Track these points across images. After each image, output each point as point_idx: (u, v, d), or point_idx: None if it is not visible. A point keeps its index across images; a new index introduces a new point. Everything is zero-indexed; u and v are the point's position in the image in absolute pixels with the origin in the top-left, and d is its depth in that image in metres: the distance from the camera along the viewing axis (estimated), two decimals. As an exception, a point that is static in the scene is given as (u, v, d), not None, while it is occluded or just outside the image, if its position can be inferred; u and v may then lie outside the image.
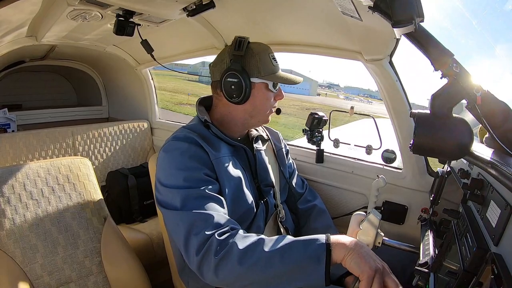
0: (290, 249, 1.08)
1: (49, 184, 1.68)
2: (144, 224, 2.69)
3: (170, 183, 1.31)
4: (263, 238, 1.13)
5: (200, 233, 1.17)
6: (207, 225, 1.19)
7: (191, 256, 1.19)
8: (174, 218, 1.27)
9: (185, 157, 1.33)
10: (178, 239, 1.26)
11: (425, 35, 1.05)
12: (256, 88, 1.47)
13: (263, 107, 1.52)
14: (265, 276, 1.07)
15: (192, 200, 1.26)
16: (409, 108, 1.73)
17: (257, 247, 1.10)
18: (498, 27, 1.43)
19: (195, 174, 1.31)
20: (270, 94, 1.51)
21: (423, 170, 1.85)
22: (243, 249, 1.10)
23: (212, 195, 1.30)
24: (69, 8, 1.67)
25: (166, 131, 3.32)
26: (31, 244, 1.54)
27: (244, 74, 1.43)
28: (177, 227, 1.25)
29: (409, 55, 16.62)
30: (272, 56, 1.51)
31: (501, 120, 1.04)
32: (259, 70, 1.46)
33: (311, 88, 60.58)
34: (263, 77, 1.46)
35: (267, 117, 1.57)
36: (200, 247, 1.16)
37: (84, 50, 2.84)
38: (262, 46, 1.52)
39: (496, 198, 0.89)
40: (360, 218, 1.29)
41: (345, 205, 2.12)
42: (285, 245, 1.09)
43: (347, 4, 1.27)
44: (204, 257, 1.15)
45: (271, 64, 1.49)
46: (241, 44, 1.44)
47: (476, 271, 0.80)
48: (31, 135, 2.62)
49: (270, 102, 1.53)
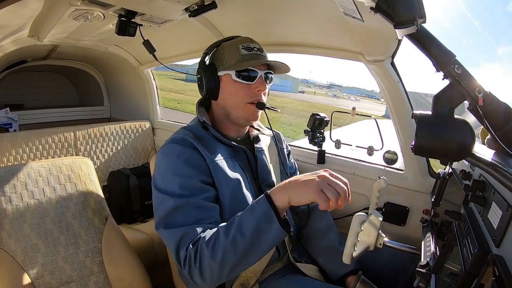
0: (243, 222, 1.13)
1: (51, 183, 1.69)
2: (145, 224, 2.69)
3: (165, 188, 1.31)
4: (218, 229, 1.18)
5: (184, 247, 1.20)
6: (192, 237, 1.21)
7: (183, 269, 1.23)
8: (166, 235, 1.28)
9: (181, 161, 1.32)
10: (173, 255, 1.28)
11: (427, 36, 1.05)
12: (223, 81, 1.47)
13: (232, 100, 1.48)
14: (239, 256, 1.12)
15: (183, 212, 1.26)
16: (410, 109, 1.73)
17: (218, 239, 1.14)
18: (500, 28, 1.43)
19: (191, 182, 1.30)
20: (238, 85, 1.45)
21: (425, 172, 1.84)
22: (209, 247, 1.14)
23: (204, 205, 1.29)
24: (71, 8, 1.67)
25: (167, 131, 3.32)
26: (32, 243, 1.54)
27: (206, 68, 1.45)
28: (169, 243, 1.27)
29: (411, 56, 16.54)
30: (244, 46, 1.46)
31: (503, 121, 1.03)
32: (223, 62, 1.45)
33: (292, 86, 60.95)
34: (227, 69, 1.44)
35: (246, 112, 1.49)
36: (184, 260, 1.20)
37: (86, 50, 2.84)
38: (238, 39, 1.50)
39: (498, 199, 0.89)
40: (361, 219, 1.29)
41: (346, 206, 2.11)
42: (237, 222, 1.14)
43: (349, 5, 1.26)
44: (189, 269, 1.19)
45: (239, 54, 1.45)
46: (215, 43, 1.49)
47: (478, 273, 0.80)
48: (32, 134, 2.63)
49: (241, 94, 1.45)
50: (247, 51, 1.46)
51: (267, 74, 1.49)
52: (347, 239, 1.30)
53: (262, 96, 1.48)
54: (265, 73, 1.47)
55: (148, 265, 1.81)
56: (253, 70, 1.44)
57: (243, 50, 1.45)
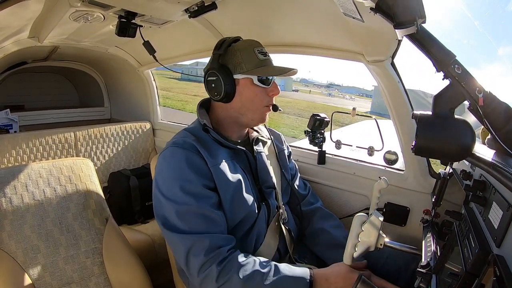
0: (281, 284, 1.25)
1: (51, 185, 1.69)
2: (146, 225, 2.69)
3: (169, 195, 1.33)
4: (255, 271, 1.26)
5: (199, 255, 1.26)
6: (204, 247, 1.26)
7: (192, 275, 1.29)
8: (173, 238, 1.32)
9: (184, 166, 1.34)
10: (179, 258, 1.34)
11: (427, 36, 1.05)
12: (241, 85, 1.47)
13: (251, 103, 1.49)
14: None
15: (190, 219, 1.30)
16: (411, 109, 1.73)
17: (255, 278, 1.25)
18: (500, 28, 1.43)
19: (194, 187, 1.32)
20: (258, 89, 1.48)
21: (425, 172, 1.84)
22: (243, 278, 1.23)
23: (211, 212, 1.32)
24: (71, 10, 1.67)
25: (168, 132, 3.32)
26: (32, 244, 1.54)
27: (222, 71, 1.44)
28: (176, 247, 1.33)
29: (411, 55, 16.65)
30: (260, 50, 1.49)
31: (503, 121, 1.03)
32: (241, 66, 1.45)
33: (286, 84, 61.34)
34: (246, 72, 1.45)
35: (261, 115, 1.53)
36: (200, 269, 1.26)
37: (86, 51, 2.84)
38: (249, 42, 1.51)
39: (498, 199, 0.89)
40: (362, 219, 1.29)
41: (347, 206, 2.12)
42: (276, 280, 1.25)
43: (349, 5, 1.26)
44: (204, 281, 1.26)
45: (256, 58, 1.46)
46: (222, 43, 1.47)
47: (478, 273, 0.80)
48: (33, 136, 2.63)
49: (260, 97, 1.49)
50: (263, 56, 1.48)
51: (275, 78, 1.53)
52: (347, 240, 1.30)
53: (273, 100, 1.53)
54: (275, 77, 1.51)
55: (149, 266, 1.81)
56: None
57: (260, 55, 1.47)
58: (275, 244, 1.55)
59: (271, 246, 1.52)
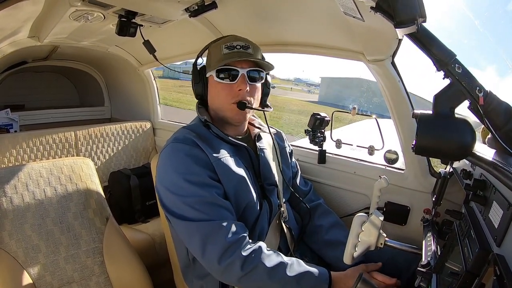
0: (303, 278, 1.29)
1: (52, 184, 1.69)
2: (147, 225, 2.69)
3: (176, 190, 1.33)
4: (283, 261, 1.31)
5: (217, 242, 1.25)
6: (222, 234, 1.26)
7: (212, 264, 1.28)
8: (186, 228, 1.32)
9: (187, 160, 1.34)
10: (193, 249, 1.34)
11: (427, 36, 1.05)
12: (209, 82, 1.49)
13: (216, 100, 1.50)
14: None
15: (201, 208, 1.30)
16: (411, 108, 1.73)
17: (280, 269, 1.28)
18: (501, 27, 1.43)
19: (199, 179, 1.33)
20: (220, 85, 1.45)
21: (426, 171, 1.84)
22: (270, 267, 1.26)
23: (220, 200, 1.33)
24: (72, 9, 1.67)
25: (168, 132, 3.31)
26: (33, 244, 1.55)
27: (195, 70, 1.48)
28: (190, 237, 1.32)
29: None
30: (227, 45, 1.44)
31: (504, 121, 1.03)
32: (209, 63, 1.47)
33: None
34: (211, 69, 1.46)
35: (232, 113, 1.48)
36: (221, 257, 1.25)
37: (87, 50, 2.84)
38: (224, 39, 1.50)
39: (499, 199, 0.89)
40: (362, 219, 1.29)
41: (347, 205, 2.12)
42: (298, 276, 1.29)
43: (349, 4, 1.26)
44: (228, 268, 1.25)
45: (220, 54, 1.44)
46: (207, 45, 1.51)
47: (479, 272, 0.80)
48: (33, 135, 2.63)
49: (223, 94, 1.46)
50: (229, 50, 1.44)
51: (252, 72, 1.47)
52: (347, 240, 1.30)
53: (245, 96, 1.46)
54: (248, 71, 1.45)
55: (149, 265, 1.82)
56: (233, 69, 1.43)
57: (225, 49, 1.44)
58: (276, 242, 1.55)
59: (272, 244, 1.52)
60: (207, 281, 1.45)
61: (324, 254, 1.68)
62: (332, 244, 1.66)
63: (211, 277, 1.41)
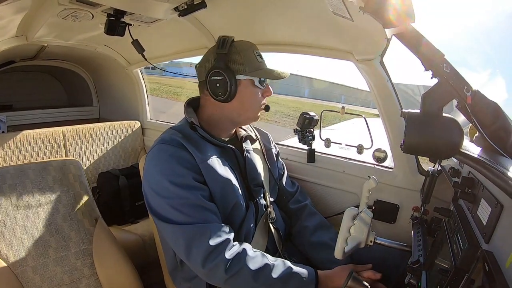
0: (289, 279, 1.32)
1: (40, 186, 1.67)
2: (136, 225, 2.67)
3: (161, 192, 1.33)
4: (267, 263, 1.32)
5: (201, 246, 1.26)
6: (206, 237, 1.26)
7: (196, 267, 1.30)
8: (172, 231, 1.32)
9: (173, 161, 1.34)
10: (178, 251, 1.36)
11: (415, 35, 1.06)
12: (242, 85, 1.48)
13: (251, 104, 1.53)
14: None
15: (185, 211, 1.30)
16: (399, 107, 1.74)
17: (265, 271, 1.30)
18: (491, 27, 1.45)
19: (184, 180, 1.33)
20: (256, 90, 1.52)
21: (414, 169, 1.86)
22: (255, 270, 1.28)
23: (205, 203, 1.33)
24: (60, 8, 1.65)
25: (157, 132, 3.29)
26: (22, 246, 1.53)
27: (228, 71, 1.44)
28: (176, 240, 1.32)
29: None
30: (257, 53, 1.52)
31: (491, 119, 1.05)
32: (244, 67, 1.46)
33: None
34: (248, 74, 1.47)
35: (256, 114, 1.57)
36: (204, 260, 1.26)
37: (75, 50, 2.81)
38: (247, 43, 1.53)
39: (487, 196, 0.90)
40: (353, 213, 1.30)
41: (337, 204, 2.12)
42: (284, 276, 1.31)
43: (338, 4, 1.27)
44: (212, 271, 1.27)
45: (256, 61, 1.49)
46: (224, 42, 1.45)
47: (468, 269, 0.81)
48: (21, 136, 2.59)
49: (258, 98, 1.53)
50: (261, 59, 1.53)
51: None
52: (339, 234, 1.31)
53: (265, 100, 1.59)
54: None
55: (139, 266, 1.81)
56: None
57: (258, 57, 1.51)
58: (264, 243, 1.56)
59: (260, 245, 1.53)
60: (195, 283, 1.46)
61: (311, 255, 1.69)
62: (317, 246, 1.67)
63: (198, 279, 1.41)
